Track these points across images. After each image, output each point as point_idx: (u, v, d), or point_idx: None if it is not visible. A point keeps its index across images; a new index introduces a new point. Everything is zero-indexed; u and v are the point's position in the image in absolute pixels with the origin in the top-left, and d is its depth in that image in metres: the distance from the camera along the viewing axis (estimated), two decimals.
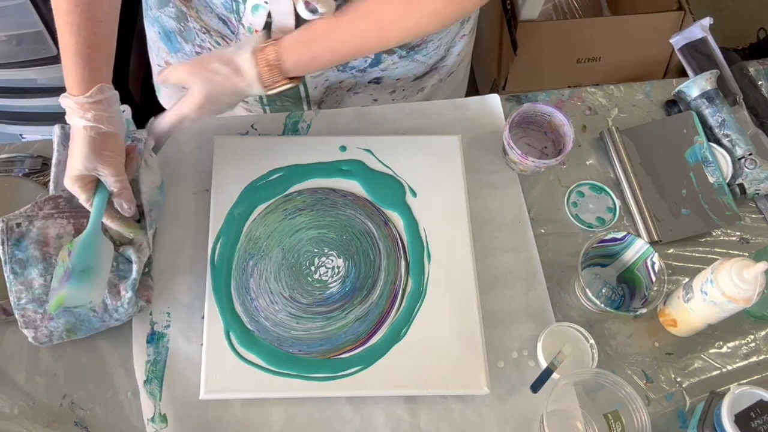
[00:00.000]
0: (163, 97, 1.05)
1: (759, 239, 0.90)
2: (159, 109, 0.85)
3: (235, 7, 0.77)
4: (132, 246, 0.76)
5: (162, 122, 0.78)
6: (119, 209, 0.75)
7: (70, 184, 0.72)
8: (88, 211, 0.79)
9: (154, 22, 0.91)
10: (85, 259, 0.71)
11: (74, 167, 0.71)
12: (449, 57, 0.94)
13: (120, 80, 1.37)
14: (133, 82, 1.45)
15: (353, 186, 0.85)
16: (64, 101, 0.71)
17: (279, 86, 0.74)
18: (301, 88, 0.90)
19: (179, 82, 0.75)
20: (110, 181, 0.72)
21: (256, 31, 0.76)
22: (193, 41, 0.87)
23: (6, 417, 0.73)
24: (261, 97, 0.90)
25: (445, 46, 0.91)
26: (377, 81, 0.92)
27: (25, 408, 0.74)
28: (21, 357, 0.76)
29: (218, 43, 0.84)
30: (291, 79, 0.74)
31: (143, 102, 1.51)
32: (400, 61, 0.88)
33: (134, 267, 0.75)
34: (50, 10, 1.03)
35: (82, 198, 0.73)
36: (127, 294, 0.74)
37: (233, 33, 0.81)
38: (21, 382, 0.75)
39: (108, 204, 0.74)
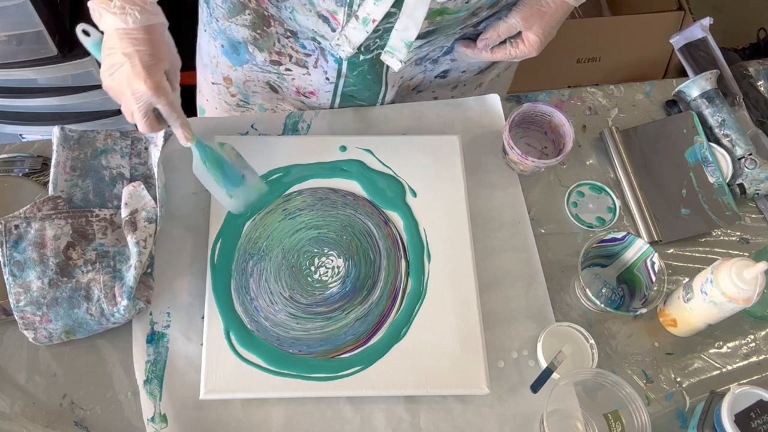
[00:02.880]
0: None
1: (759, 239, 0.90)
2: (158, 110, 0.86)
3: (349, 0, 0.74)
4: (134, 234, 0.76)
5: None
6: (179, 139, 0.74)
7: (141, 120, 0.70)
8: (87, 211, 0.79)
9: (219, 35, 0.89)
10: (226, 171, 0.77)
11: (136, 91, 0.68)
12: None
13: None
14: None
15: (353, 186, 0.85)
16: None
17: None
18: (381, 90, 0.89)
19: (512, 31, 0.79)
20: (166, 110, 0.70)
21: (374, 21, 0.74)
22: (270, 48, 0.85)
23: (6, 417, 0.73)
24: (338, 78, 0.89)
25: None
26: (443, 75, 0.92)
27: (25, 408, 0.74)
28: (21, 357, 0.76)
29: (304, 47, 0.83)
30: None
31: None
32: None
33: (132, 272, 0.75)
34: (50, 10, 1.03)
35: (163, 101, 0.70)
36: (122, 302, 0.74)
37: (333, 30, 0.78)
38: (21, 382, 0.75)
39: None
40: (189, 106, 1.58)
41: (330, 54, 0.83)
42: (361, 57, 0.81)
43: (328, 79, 0.87)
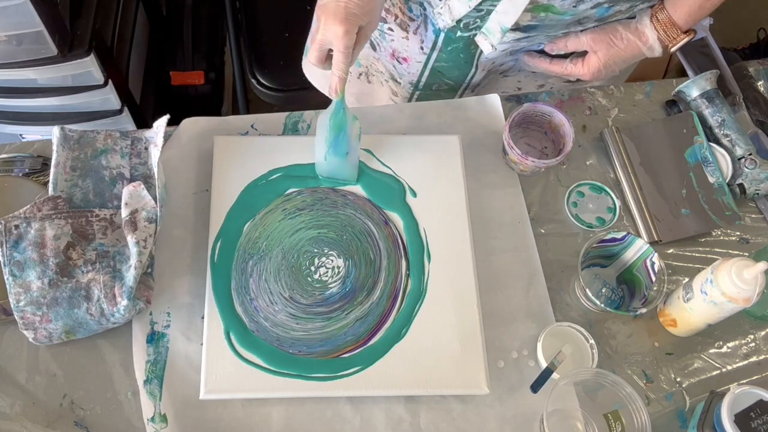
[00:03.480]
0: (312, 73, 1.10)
1: (759, 239, 0.90)
2: (160, 112, 0.86)
3: None
4: (134, 234, 0.76)
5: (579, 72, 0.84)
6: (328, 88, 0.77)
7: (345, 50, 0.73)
8: (87, 211, 0.79)
9: None
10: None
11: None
12: None
13: (120, 80, 1.38)
14: (133, 82, 1.45)
15: (353, 186, 0.85)
16: None
17: (678, 42, 0.79)
18: (471, 71, 0.91)
19: (580, 47, 0.82)
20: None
21: None
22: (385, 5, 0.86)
23: (6, 417, 0.73)
24: (416, 83, 0.92)
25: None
26: (533, 71, 0.93)
27: (25, 408, 0.74)
28: (21, 357, 0.76)
29: (411, 9, 0.85)
30: (686, 32, 0.79)
31: (143, 102, 1.51)
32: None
33: (132, 272, 0.75)
34: (50, 10, 1.03)
35: (343, 42, 0.72)
36: (122, 302, 0.74)
37: None
38: (21, 382, 0.75)
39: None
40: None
41: (431, 23, 0.85)
42: (458, 33, 0.83)
43: (422, 48, 0.89)
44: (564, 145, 0.86)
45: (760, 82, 1.00)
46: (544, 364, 0.76)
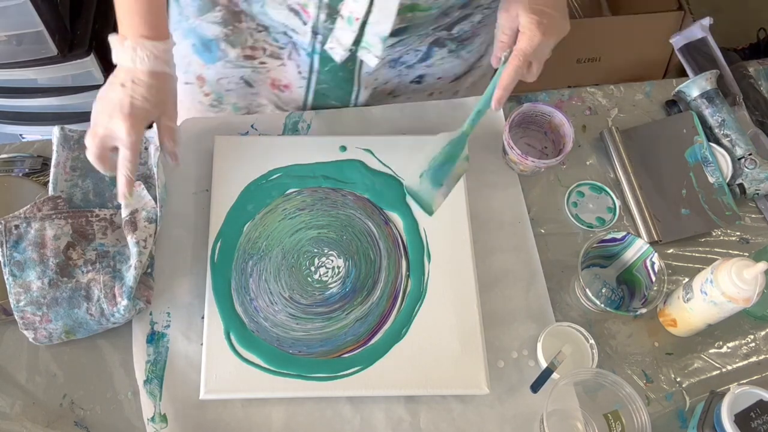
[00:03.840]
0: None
1: (759, 239, 0.90)
2: None
3: None
4: (134, 234, 0.76)
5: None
6: (171, 157, 0.77)
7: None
8: (87, 211, 0.79)
9: (189, 34, 0.89)
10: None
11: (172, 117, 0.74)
12: (486, 56, 0.94)
13: None
14: None
15: (353, 186, 0.85)
16: (143, 44, 0.69)
17: None
18: (354, 90, 0.90)
19: (511, 27, 0.75)
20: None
21: (357, 19, 0.74)
22: (243, 44, 0.85)
23: (6, 417, 0.73)
24: (302, 108, 0.90)
25: (487, 42, 0.91)
26: (419, 81, 0.92)
27: (25, 408, 0.74)
28: (21, 357, 0.76)
29: (276, 40, 0.84)
30: None
31: None
32: (448, 56, 0.88)
33: (132, 272, 0.75)
34: (50, 10, 1.03)
35: (128, 139, 0.70)
36: (122, 302, 0.74)
37: (305, 23, 0.79)
38: (21, 382, 0.75)
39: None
40: None
41: (302, 48, 0.84)
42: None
43: (300, 73, 0.87)
44: (564, 145, 0.86)
45: (760, 82, 1.00)
46: (544, 364, 0.76)
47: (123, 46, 0.70)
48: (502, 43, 0.76)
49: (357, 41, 0.78)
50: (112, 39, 0.71)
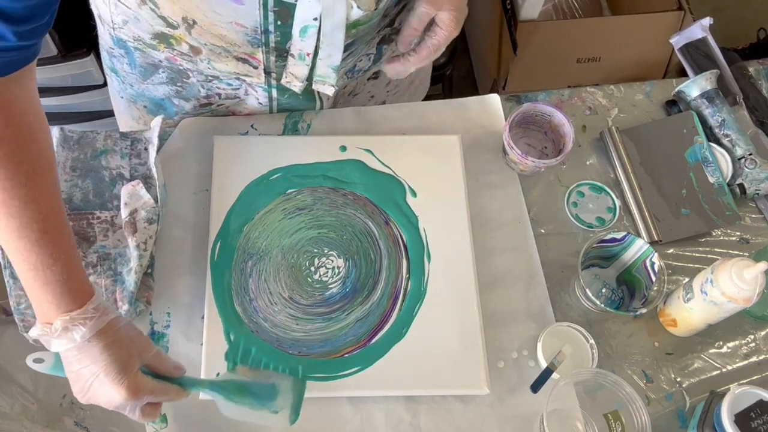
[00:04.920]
0: None
1: (759, 239, 0.90)
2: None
3: (264, 39, 0.73)
4: (135, 236, 0.76)
5: None
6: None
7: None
8: (88, 213, 0.79)
9: (138, 98, 0.88)
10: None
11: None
12: None
13: None
14: None
15: (353, 186, 0.85)
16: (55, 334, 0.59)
17: None
18: (317, 105, 0.90)
19: (423, 21, 0.74)
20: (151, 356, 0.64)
21: (308, 54, 0.74)
22: (196, 95, 0.85)
23: (6, 417, 0.73)
24: (270, 101, 0.88)
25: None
26: (375, 76, 0.92)
27: (25, 408, 0.74)
28: (21, 357, 0.76)
29: (230, 84, 0.83)
30: None
31: None
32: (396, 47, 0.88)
33: (132, 276, 0.74)
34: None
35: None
36: (123, 306, 0.74)
37: (255, 68, 0.78)
38: (21, 382, 0.75)
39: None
40: None
41: (257, 86, 0.83)
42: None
43: (260, 103, 0.87)
44: (564, 145, 0.86)
45: (760, 82, 1.00)
46: (544, 364, 0.76)
47: (52, 332, 0.59)
48: (414, 30, 0.75)
49: (311, 75, 0.77)
50: (37, 336, 0.60)
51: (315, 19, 0.69)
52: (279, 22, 0.71)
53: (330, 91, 0.78)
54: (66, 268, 0.59)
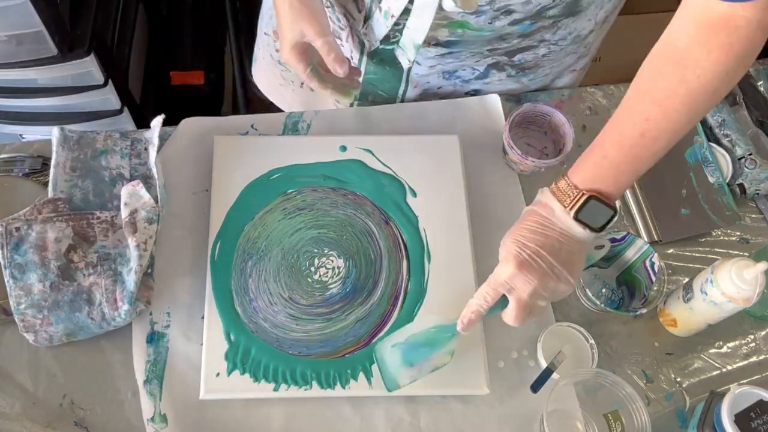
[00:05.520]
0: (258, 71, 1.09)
1: (759, 239, 0.90)
2: (160, 112, 0.86)
3: None
4: (135, 236, 0.76)
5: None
6: (334, 72, 0.75)
7: (288, 56, 0.75)
8: (88, 213, 0.79)
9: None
10: None
11: (284, 37, 0.74)
12: (550, 87, 0.96)
13: (120, 80, 1.38)
14: (133, 82, 1.45)
15: (353, 186, 0.85)
16: None
17: (575, 201, 0.65)
18: (401, 86, 0.91)
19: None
20: (318, 43, 0.74)
21: (392, 16, 0.76)
22: None
23: (6, 417, 0.73)
24: (359, 63, 0.90)
25: (552, 76, 0.92)
26: (474, 93, 0.93)
27: (25, 408, 0.74)
28: (21, 357, 0.76)
29: (339, 19, 0.85)
30: (590, 192, 0.66)
31: (143, 102, 1.51)
32: (506, 79, 0.89)
33: (132, 276, 0.74)
34: (50, 10, 1.02)
35: (300, 69, 0.75)
36: (124, 306, 0.74)
37: (359, 11, 0.80)
38: (21, 382, 0.75)
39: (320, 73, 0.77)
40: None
41: (356, 34, 0.85)
42: (380, 46, 0.83)
43: (352, 57, 0.88)
44: (564, 145, 0.86)
45: (760, 82, 1.00)
46: (544, 364, 0.76)
47: None
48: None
49: (395, 41, 0.80)
50: None
51: None
52: None
53: (406, 64, 0.82)
54: None
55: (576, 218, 0.65)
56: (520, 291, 0.66)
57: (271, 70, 1.04)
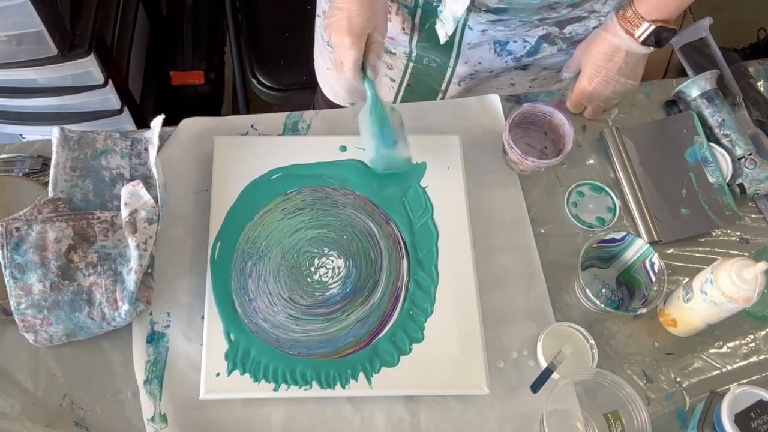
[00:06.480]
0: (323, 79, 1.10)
1: (759, 239, 0.90)
2: (160, 112, 0.86)
3: None
4: (135, 236, 0.76)
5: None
6: (373, 72, 0.79)
7: (358, 43, 0.76)
8: (88, 213, 0.79)
9: None
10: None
11: (356, 25, 0.75)
12: None
13: (120, 80, 1.38)
14: (133, 82, 1.45)
15: (354, 185, 0.85)
16: None
17: (640, 29, 0.81)
18: (452, 59, 0.92)
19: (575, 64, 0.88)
20: (381, 40, 0.78)
21: None
22: None
23: (6, 417, 0.73)
24: (408, 54, 0.93)
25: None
26: (524, 67, 0.95)
27: (25, 408, 0.74)
28: (21, 357, 0.76)
29: None
30: (654, 22, 0.81)
31: (143, 102, 1.51)
32: (557, 53, 0.90)
33: (132, 276, 0.74)
34: (50, 10, 1.02)
35: (351, 55, 0.77)
36: (124, 306, 0.74)
37: None
38: (21, 382, 0.75)
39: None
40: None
41: (404, 6, 0.86)
42: (435, 5, 0.84)
43: (404, 29, 0.89)
44: (564, 145, 0.86)
45: (760, 82, 1.00)
46: (544, 364, 0.76)
47: None
48: (569, 67, 0.90)
49: (438, 8, 0.83)
50: None
51: None
52: None
53: (443, 37, 0.83)
54: None
55: (643, 42, 0.82)
56: (596, 99, 0.90)
57: (320, 52, 1.06)
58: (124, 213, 0.77)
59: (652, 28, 0.81)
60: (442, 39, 0.84)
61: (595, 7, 0.84)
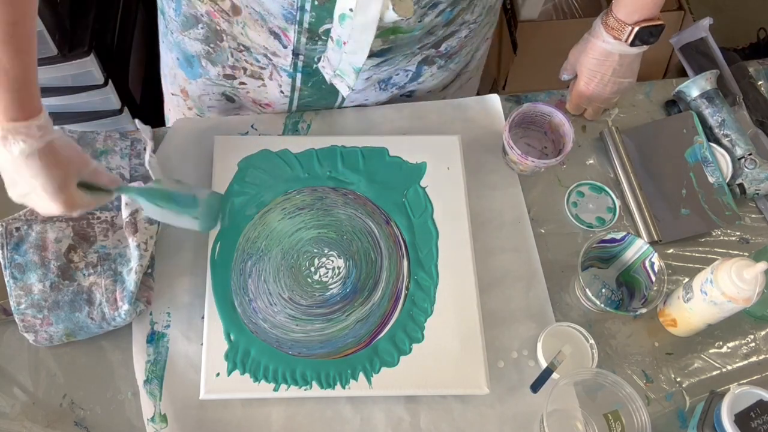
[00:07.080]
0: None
1: (759, 239, 0.90)
2: (159, 110, 0.86)
3: (299, 17, 0.73)
4: (135, 236, 0.76)
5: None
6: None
7: (79, 201, 0.66)
8: (88, 214, 0.79)
9: (174, 48, 0.88)
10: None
11: (63, 186, 0.63)
12: (472, 62, 0.95)
13: (120, 80, 1.38)
14: (133, 82, 1.45)
15: (354, 185, 0.85)
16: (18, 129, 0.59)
17: (627, 34, 0.83)
18: (338, 99, 0.90)
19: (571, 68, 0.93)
20: (93, 168, 0.67)
21: (345, 43, 0.73)
22: (224, 63, 0.85)
23: (6, 417, 0.73)
24: (292, 91, 0.88)
25: (472, 51, 0.92)
26: (409, 95, 0.93)
27: (25, 408, 0.74)
28: (21, 357, 0.76)
29: (258, 60, 0.83)
30: (636, 24, 0.82)
31: (143, 102, 1.51)
32: (437, 71, 0.88)
33: (133, 276, 0.74)
34: (50, 10, 1.02)
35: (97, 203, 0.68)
36: (124, 306, 0.74)
37: (285, 47, 0.78)
38: (21, 382, 0.75)
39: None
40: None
41: (282, 69, 0.83)
42: (315, 66, 0.81)
43: (282, 92, 0.87)
44: (564, 145, 0.86)
45: (760, 82, 1.00)
46: (544, 364, 0.76)
47: None
48: (565, 69, 0.94)
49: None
50: None
51: (351, 9, 0.69)
52: (316, 2, 0.70)
53: (346, 91, 0.79)
54: (22, 78, 0.59)
55: (631, 44, 0.83)
56: (595, 101, 0.92)
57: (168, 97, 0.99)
58: (125, 213, 0.77)
59: (636, 29, 0.81)
60: (345, 92, 0.79)
61: (465, 17, 0.82)
